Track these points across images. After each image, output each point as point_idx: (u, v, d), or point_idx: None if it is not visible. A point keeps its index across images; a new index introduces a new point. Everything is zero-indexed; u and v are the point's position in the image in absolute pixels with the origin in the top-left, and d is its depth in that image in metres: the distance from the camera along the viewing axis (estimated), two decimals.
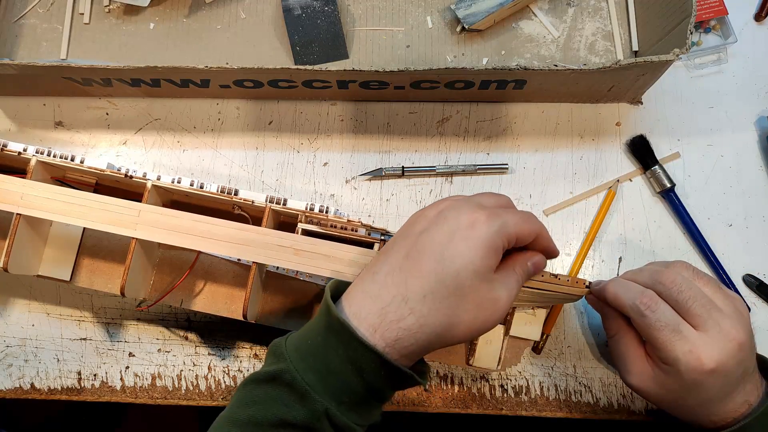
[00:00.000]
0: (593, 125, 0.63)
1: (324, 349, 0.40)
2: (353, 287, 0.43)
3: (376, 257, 0.44)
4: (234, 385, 0.59)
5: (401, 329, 0.39)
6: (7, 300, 0.61)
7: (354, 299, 0.41)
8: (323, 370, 0.40)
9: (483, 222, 0.40)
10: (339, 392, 0.40)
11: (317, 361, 0.40)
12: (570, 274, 0.60)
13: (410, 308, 0.39)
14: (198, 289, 0.56)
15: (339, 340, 0.40)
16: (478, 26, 0.63)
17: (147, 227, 0.50)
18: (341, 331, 0.39)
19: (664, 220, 0.61)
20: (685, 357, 0.43)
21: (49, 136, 0.64)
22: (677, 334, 0.43)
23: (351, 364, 0.39)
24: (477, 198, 0.44)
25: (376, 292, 0.40)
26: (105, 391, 0.60)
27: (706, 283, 0.46)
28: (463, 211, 0.41)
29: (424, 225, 0.42)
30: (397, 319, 0.39)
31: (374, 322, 0.39)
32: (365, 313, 0.40)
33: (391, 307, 0.40)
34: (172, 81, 0.60)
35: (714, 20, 0.63)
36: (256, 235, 0.50)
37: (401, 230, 0.44)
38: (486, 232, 0.40)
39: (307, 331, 0.42)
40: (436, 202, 0.45)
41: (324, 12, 0.64)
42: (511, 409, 0.58)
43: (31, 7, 0.67)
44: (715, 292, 0.46)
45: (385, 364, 0.39)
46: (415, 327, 0.39)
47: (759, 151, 0.62)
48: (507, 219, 0.41)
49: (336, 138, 0.64)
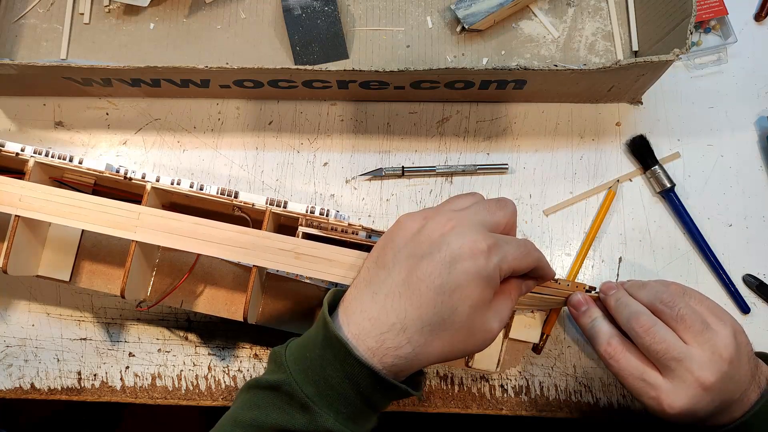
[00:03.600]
0: (593, 125, 0.63)
1: (322, 362, 0.41)
2: (352, 301, 0.43)
3: (373, 266, 0.44)
4: (234, 385, 0.60)
5: (398, 356, 0.41)
6: (7, 300, 0.61)
7: (352, 316, 0.42)
8: (322, 383, 0.41)
9: (483, 255, 0.41)
10: (337, 404, 0.41)
11: (316, 374, 0.41)
12: (569, 276, 0.60)
13: (408, 338, 0.41)
14: (198, 291, 0.56)
15: (336, 357, 0.41)
16: (478, 26, 0.63)
17: (147, 230, 0.50)
18: (339, 348, 0.41)
19: (664, 220, 0.61)
20: (685, 375, 0.45)
21: (49, 136, 0.64)
22: (676, 352, 0.45)
23: (348, 379, 0.41)
24: (472, 215, 0.44)
25: (375, 315, 0.41)
26: (105, 391, 0.60)
27: (699, 301, 0.48)
28: (465, 239, 0.41)
29: (425, 248, 0.42)
30: (394, 347, 0.41)
31: (372, 346, 0.41)
32: (364, 336, 0.41)
33: (390, 335, 0.41)
34: (172, 81, 0.59)
35: (714, 20, 0.63)
36: (257, 238, 0.50)
37: (399, 236, 0.44)
38: (485, 267, 0.41)
39: (305, 342, 0.43)
40: (436, 211, 0.44)
41: (324, 12, 0.64)
42: (511, 409, 0.58)
43: (31, 7, 0.67)
44: (708, 306, 0.48)
45: (381, 381, 0.41)
46: (411, 355, 0.41)
47: (759, 151, 0.62)
48: (507, 253, 0.42)
49: (336, 138, 0.64)
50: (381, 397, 0.42)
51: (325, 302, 0.44)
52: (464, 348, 0.42)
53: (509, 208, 0.45)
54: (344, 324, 0.42)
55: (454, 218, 0.43)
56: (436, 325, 0.41)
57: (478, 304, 0.41)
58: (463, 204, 0.45)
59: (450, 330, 0.41)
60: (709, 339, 0.45)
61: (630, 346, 0.48)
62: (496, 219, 0.44)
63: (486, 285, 0.41)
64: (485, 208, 0.44)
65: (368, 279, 0.43)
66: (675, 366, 0.45)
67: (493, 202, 0.45)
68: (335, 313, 0.43)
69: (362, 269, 0.45)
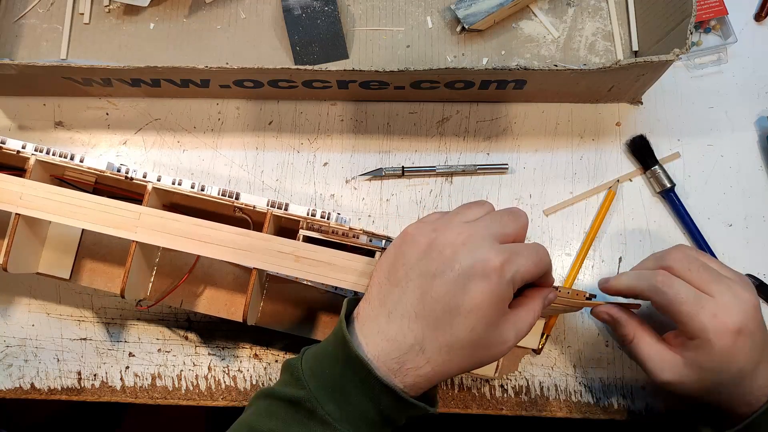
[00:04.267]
0: (593, 125, 0.63)
1: (342, 380, 0.41)
2: (367, 320, 0.43)
3: (386, 282, 0.43)
4: (234, 385, 0.60)
5: (418, 376, 0.41)
6: (7, 300, 0.61)
7: (369, 337, 0.42)
8: (342, 401, 0.41)
9: (497, 273, 0.41)
10: (357, 421, 0.41)
11: (336, 391, 0.41)
12: (570, 275, 0.60)
13: (427, 358, 0.41)
14: (198, 291, 0.56)
15: (357, 375, 0.41)
16: (478, 26, 0.63)
17: (147, 230, 0.50)
18: (361, 369, 0.41)
19: (664, 220, 0.61)
20: (711, 323, 0.45)
21: (49, 136, 0.64)
22: (698, 304, 0.45)
23: (370, 399, 0.41)
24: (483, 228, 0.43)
25: (393, 336, 0.42)
26: (105, 391, 0.60)
27: (709, 259, 0.49)
28: (478, 256, 0.41)
29: (438, 265, 0.41)
30: (414, 368, 0.41)
31: (393, 368, 0.41)
32: (383, 357, 0.41)
33: (409, 356, 0.41)
34: (172, 81, 0.59)
35: (714, 20, 0.63)
36: (257, 240, 0.50)
37: (409, 251, 0.43)
38: (498, 284, 0.41)
39: (323, 356, 0.43)
40: (446, 223, 0.44)
41: (324, 12, 0.64)
42: (511, 409, 0.58)
43: (31, 7, 0.67)
44: (720, 266, 0.49)
45: (402, 401, 0.41)
46: (431, 374, 0.42)
47: (759, 151, 0.62)
48: (520, 266, 0.42)
49: (336, 138, 0.64)
50: (401, 415, 0.42)
51: (342, 319, 0.43)
52: (480, 361, 0.43)
53: (521, 221, 0.45)
54: (363, 343, 0.42)
55: (464, 231, 0.42)
56: (454, 345, 0.41)
57: (493, 320, 0.41)
58: (474, 214, 0.45)
59: (468, 348, 0.41)
60: (737, 273, 0.47)
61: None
62: (508, 231, 0.43)
63: (500, 301, 0.41)
64: (498, 221, 0.44)
65: (382, 298, 0.43)
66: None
67: (505, 214, 0.45)
68: (351, 329, 0.43)
69: (373, 283, 0.45)
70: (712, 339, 0.45)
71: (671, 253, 0.49)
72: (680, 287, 0.46)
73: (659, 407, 0.58)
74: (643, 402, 0.58)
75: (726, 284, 0.46)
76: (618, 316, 0.51)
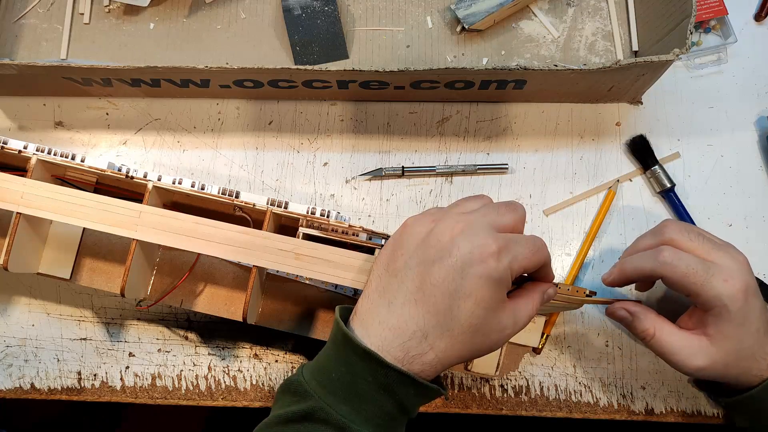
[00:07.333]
0: (593, 125, 0.63)
1: (352, 378, 0.41)
2: (367, 313, 0.43)
3: (384, 273, 0.44)
4: (234, 385, 0.59)
5: (423, 363, 0.42)
6: (7, 300, 0.61)
7: (371, 328, 0.42)
8: (355, 399, 0.41)
9: (494, 258, 0.41)
10: (374, 416, 0.41)
11: (347, 392, 0.41)
12: (569, 276, 0.60)
13: (430, 344, 0.42)
14: (198, 290, 0.56)
15: (367, 369, 0.41)
16: (478, 26, 0.63)
17: (148, 229, 0.50)
18: (369, 361, 0.41)
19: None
20: (724, 287, 0.45)
21: (49, 136, 0.64)
22: (708, 272, 0.46)
23: (383, 389, 0.41)
24: (480, 217, 0.43)
25: (395, 324, 0.42)
26: (105, 391, 0.60)
27: (700, 230, 0.50)
28: (475, 242, 0.41)
29: (435, 252, 0.42)
30: (419, 354, 0.42)
31: (398, 356, 0.41)
32: (387, 346, 0.42)
33: (412, 343, 0.41)
34: (172, 81, 0.60)
35: (714, 20, 0.63)
36: (257, 238, 0.50)
37: (408, 241, 0.44)
38: (495, 270, 0.41)
39: (324, 364, 0.43)
40: (444, 214, 0.44)
41: (324, 12, 0.64)
42: (511, 409, 0.58)
43: (31, 7, 0.67)
44: (708, 233, 0.50)
45: (416, 384, 0.42)
46: (435, 361, 0.42)
47: (759, 151, 0.62)
48: (517, 253, 0.42)
49: (336, 138, 0.64)
50: (416, 401, 0.43)
51: (338, 320, 0.43)
52: (480, 348, 0.43)
53: (519, 213, 0.45)
54: (363, 337, 0.42)
55: (462, 221, 0.43)
56: (454, 329, 0.41)
57: (491, 305, 0.42)
58: (471, 206, 0.45)
59: (467, 333, 0.42)
60: (726, 250, 0.48)
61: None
62: (505, 221, 0.44)
63: (498, 287, 0.41)
64: (494, 210, 0.44)
65: (381, 288, 0.43)
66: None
67: (502, 205, 0.45)
68: (350, 328, 0.43)
69: (372, 277, 0.45)
70: (728, 304, 0.45)
71: (667, 227, 0.49)
72: (689, 259, 0.47)
73: (659, 407, 0.58)
74: (643, 402, 0.58)
75: (723, 249, 0.47)
76: (635, 311, 0.51)
